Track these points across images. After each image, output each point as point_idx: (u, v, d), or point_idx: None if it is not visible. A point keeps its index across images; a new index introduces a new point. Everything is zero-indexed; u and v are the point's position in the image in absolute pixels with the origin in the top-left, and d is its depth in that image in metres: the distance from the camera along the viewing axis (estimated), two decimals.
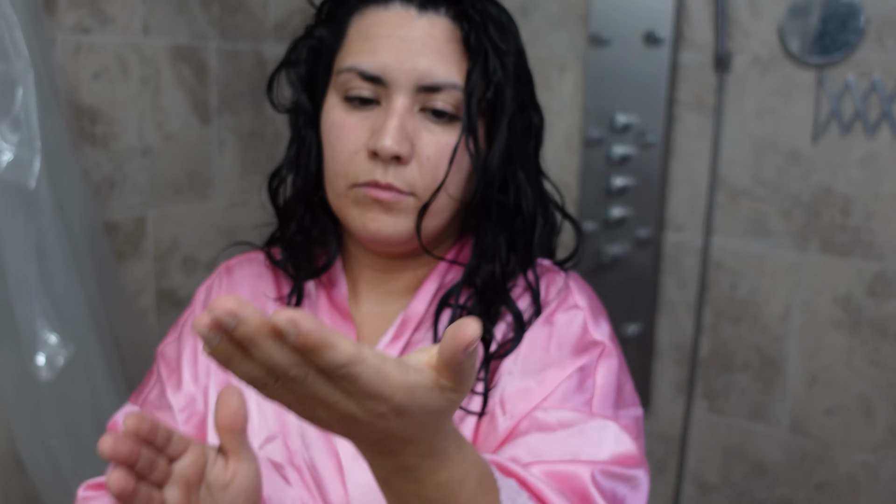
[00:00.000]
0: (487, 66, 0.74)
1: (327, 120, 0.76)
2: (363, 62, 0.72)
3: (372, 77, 0.72)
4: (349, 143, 0.73)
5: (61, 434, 1.45)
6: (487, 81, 0.75)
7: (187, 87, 1.83)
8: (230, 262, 0.87)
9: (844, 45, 1.55)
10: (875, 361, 1.63)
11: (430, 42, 0.71)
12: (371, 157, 0.73)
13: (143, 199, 1.77)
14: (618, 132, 1.75)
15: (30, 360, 1.41)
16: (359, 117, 0.73)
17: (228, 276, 0.86)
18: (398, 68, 0.71)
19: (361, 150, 0.73)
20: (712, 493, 1.86)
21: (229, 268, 0.88)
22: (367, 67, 0.72)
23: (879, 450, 1.65)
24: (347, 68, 0.73)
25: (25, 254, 1.39)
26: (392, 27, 0.71)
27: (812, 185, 1.64)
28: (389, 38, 0.71)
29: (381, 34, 0.71)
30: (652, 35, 1.68)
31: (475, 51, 0.73)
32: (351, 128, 0.73)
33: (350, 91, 0.73)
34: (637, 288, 1.80)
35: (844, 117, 1.59)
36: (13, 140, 1.38)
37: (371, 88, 0.72)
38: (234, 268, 0.88)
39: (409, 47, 0.71)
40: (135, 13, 1.69)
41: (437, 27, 0.72)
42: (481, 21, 0.73)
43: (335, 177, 0.75)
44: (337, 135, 0.74)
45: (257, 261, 0.87)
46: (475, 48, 0.73)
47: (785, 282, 1.70)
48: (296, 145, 0.80)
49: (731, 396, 1.80)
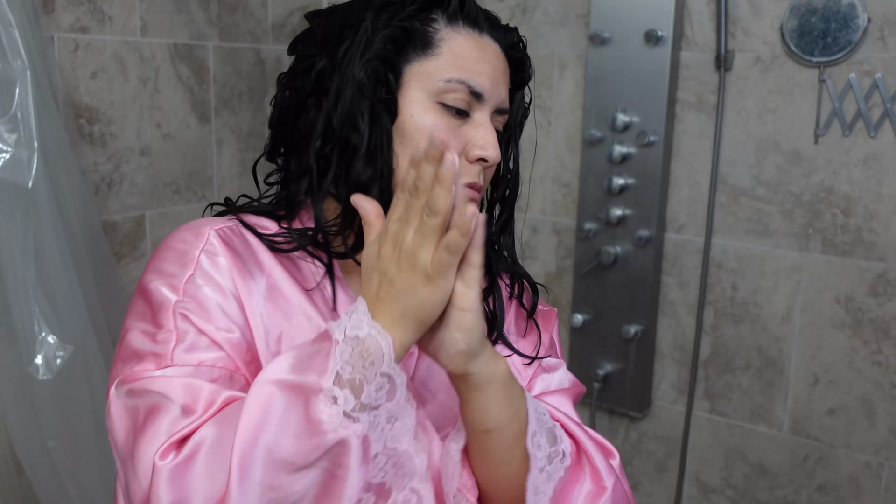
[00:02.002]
0: (523, 97, 0.95)
1: (424, 118, 0.82)
2: (472, 79, 0.83)
3: (477, 94, 0.83)
4: (451, 146, 0.82)
5: (59, 435, 1.45)
6: (524, 111, 0.96)
7: (186, 87, 1.83)
8: (216, 228, 0.83)
9: (846, 44, 1.54)
10: (877, 362, 1.63)
11: (505, 76, 0.87)
12: (472, 162, 0.83)
13: (142, 198, 1.77)
14: (618, 132, 1.75)
15: (28, 360, 1.41)
16: (455, 124, 0.83)
17: (225, 243, 0.83)
18: (492, 91, 0.84)
19: (461, 154, 0.83)
20: (713, 494, 1.86)
21: (221, 234, 0.84)
22: (475, 85, 0.83)
23: (881, 451, 1.64)
24: (458, 80, 0.82)
25: (23, 254, 1.39)
26: (490, 56, 0.85)
27: (813, 185, 1.64)
28: (489, 65, 0.84)
29: (482, 59, 0.84)
30: (653, 34, 1.67)
31: (520, 86, 0.93)
32: (452, 132, 0.83)
33: (450, 100, 0.82)
34: (638, 288, 1.80)
35: (846, 117, 1.58)
36: (11, 139, 1.38)
37: (468, 102, 0.83)
38: (228, 234, 0.84)
39: (498, 76, 0.86)
40: (133, 12, 1.69)
41: (506, 65, 0.88)
42: (528, 65, 0.93)
43: None
44: (441, 137, 0.82)
45: (238, 230, 0.86)
46: (522, 84, 0.93)
47: (786, 282, 1.69)
48: (374, 140, 0.82)
49: (732, 397, 1.80)
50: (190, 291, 0.77)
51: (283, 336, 0.80)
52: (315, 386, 0.66)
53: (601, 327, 1.85)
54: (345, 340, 0.67)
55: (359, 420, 0.66)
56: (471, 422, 0.77)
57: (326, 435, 0.65)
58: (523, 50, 0.91)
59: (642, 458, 1.94)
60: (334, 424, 0.65)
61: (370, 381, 0.66)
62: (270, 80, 2.02)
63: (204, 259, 0.79)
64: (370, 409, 0.67)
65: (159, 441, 0.68)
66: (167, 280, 0.78)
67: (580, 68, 1.84)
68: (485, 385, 0.74)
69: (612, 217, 1.77)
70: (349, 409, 0.65)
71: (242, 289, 0.80)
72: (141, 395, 0.72)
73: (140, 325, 0.77)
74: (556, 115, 1.89)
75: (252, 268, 0.82)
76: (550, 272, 1.97)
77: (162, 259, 0.81)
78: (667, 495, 1.92)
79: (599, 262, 1.81)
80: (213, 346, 0.75)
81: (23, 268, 1.39)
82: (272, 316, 0.80)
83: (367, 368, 0.66)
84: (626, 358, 1.83)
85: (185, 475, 0.66)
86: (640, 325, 1.80)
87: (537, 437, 0.77)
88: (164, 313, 0.76)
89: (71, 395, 1.45)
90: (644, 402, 1.86)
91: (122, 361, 0.77)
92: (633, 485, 1.96)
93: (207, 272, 0.79)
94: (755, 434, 1.78)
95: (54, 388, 1.42)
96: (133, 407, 0.72)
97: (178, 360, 0.74)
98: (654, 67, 1.70)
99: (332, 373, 0.66)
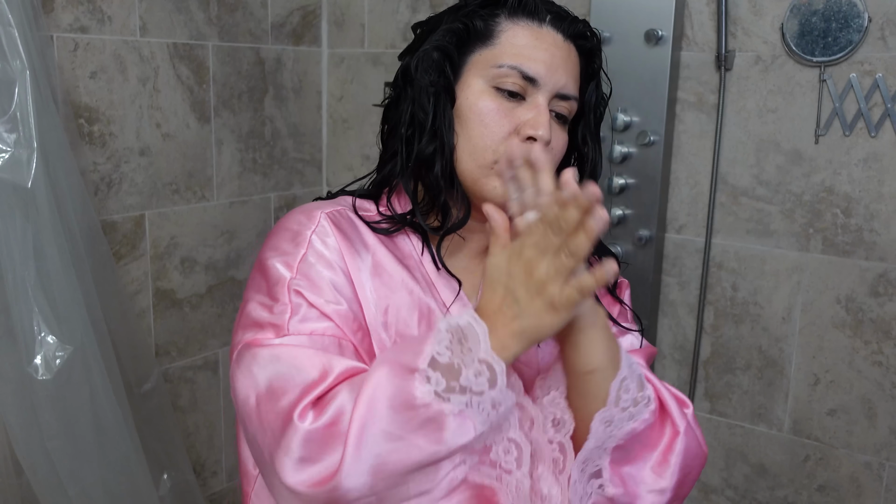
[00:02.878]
0: (599, 88, 0.98)
1: (479, 102, 0.90)
2: (524, 64, 0.89)
3: (529, 78, 0.89)
4: (503, 125, 0.89)
5: (59, 436, 1.44)
6: (596, 100, 0.98)
7: (185, 87, 1.82)
8: (326, 212, 0.93)
9: (847, 43, 1.54)
10: (877, 362, 1.62)
11: (568, 63, 0.92)
12: (523, 140, 0.88)
13: (141, 198, 1.76)
14: (619, 131, 1.74)
15: (27, 360, 1.41)
16: (508, 106, 0.90)
17: (334, 225, 0.92)
18: (549, 76, 0.90)
19: (513, 133, 0.89)
20: (714, 495, 1.86)
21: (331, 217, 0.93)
22: (528, 70, 0.89)
23: (882, 451, 1.64)
24: (510, 66, 0.89)
25: (23, 254, 1.39)
26: (547, 44, 0.91)
27: (814, 185, 1.63)
28: (546, 52, 0.90)
29: (539, 46, 0.90)
30: (653, 34, 1.67)
31: (593, 76, 0.97)
32: (504, 113, 0.89)
33: (503, 84, 0.90)
34: (638, 288, 1.80)
35: (847, 116, 1.58)
36: (10, 139, 1.37)
37: (521, 86, 0.89)
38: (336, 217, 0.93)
39: (556, 63, 0.90)
40: (132, 12, 1.69)
41: (572, 54, 0.93)
42: (599, 55, 0.98)
43: (483, 150, 0.90)
44: (491, 116, 0.89)
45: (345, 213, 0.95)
46: (594, 74, 0.97)
47: (787, 282, 1.69)
48: (437, 120, 0.92)
49: (732, 397, 1.80)
50: (303, 269, 0.86)
51: (389, 308, 0.89)
52: (413, 366, 0.75)
53: None
54: (447, 329, 0.76)
55: (449, 400, 0.74)
56: (575, 364, 0.84)
57: (418, 410, 0.74)
58: (593, 40, 0.96)
59: None
60: (426, 401, 0.74)
61: (468, 366, 0.75)
62: (270, 79, 2.02)
63: (315, 239, 0.89)
64: (471, 392, 0.75)
65: (291, 400, 0.77)
66: (283, 258, 0.88)
67: None
68: (589, 327, 0.82)
69: (613, 217, 1.77)
70: (440, 389, 0.74)
71: (351, 265, 0.89)
72: (266, 359, 0.81)
73: (258, 298, 0.87)
74: None
75: (359, 247, 0.91)
76: None
77: (279, 238, 0.91)
78: None
79: None
80: (322, 317, 0.84)
81: (22, 268, 1.39)
82: (378, 290, 0.89)
83: (466, 354, 0.75)
84: None
85: (322, 440, 0.74)
86: (641, 326, 1.80)
87: (627, 381, 0.85)
88: (279, 288, 0.85)
89: (71, 396, 1.45)
90: None
91: (242, 329, 0.86)
92: None
93: (319, 251, 0.88)
94: (755, 434, 1.78)
95: (54, 388, 1.42)
96: (259, 369, 0.81)
97: (294, 329, 0.83)
98: (654, 67, 1.69)
99: (427, 356, 0.75)
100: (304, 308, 0.84)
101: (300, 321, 0.83)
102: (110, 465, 1.53)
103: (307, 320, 0.83)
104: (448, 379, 0.74)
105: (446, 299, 0.92)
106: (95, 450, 1.50)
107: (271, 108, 2.04)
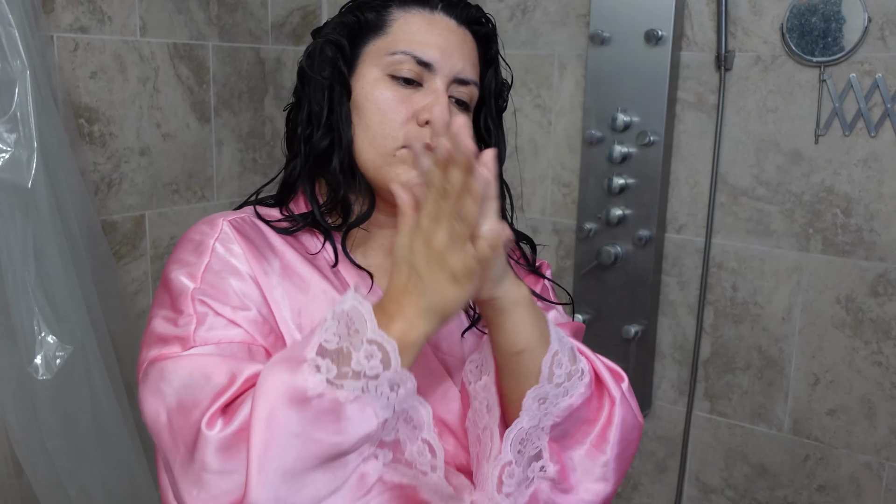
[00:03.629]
0: (498, 74, 0.97)
1: (374, 91, 0.90)
2: (418, 50, 0.89)
3: (424, 63, 0.89)
4: (401, 112, 0.89)
5: (59, 435, 1.44)
6: (496, 85, 0.98)
7: (185, 87, 1.82)
8: (229, 219, 0.91)
9: (847, 43, 1.54)
10: (877, 362, 1.62)
11: (464, 48, 0.92)
12: (422, 125, 0.88)
13: (141, 198, 1.76)
14: (618, 131, 1.74)
15: (27, 360, 1.41)
16: (404, 93, 0.89)
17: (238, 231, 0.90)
18: (444, 60, 0.89)
19: (411, 118, 0.89)
20: (713, 495, 1.86)
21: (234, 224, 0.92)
22: (422, 55, 0.89)
23: (882, 451, 1.64)
24: (402, 52, 0.89)
25: (23, 254, 1.39)
26: (441, 29, 0.91)
27: (814, 185, 1.63)
28: (439, 37, 0.90)
29: (432, 31, 0.90)
30: (653, 34, 1.67)
31: (491, 62, 0.96)
32: (401, 99, 0.89)
33: (399, 71, 0.89)
34: (638, 288, 1.80)
35: (847, 116, 1.58)
36: (10, 139, 1.37)
37: (417, 72, 0.89)
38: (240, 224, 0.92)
39: (451, 48, 0.90)
40: (132, 12, 1.69)
41: (468, 39, 0.93)
42: (495, 41, 0.96)
43: (383, 139, 0.89)
44: (388, 104, 0.89)
45: (250, 220, 0.93)
46: (492, 60, 0.96)
47: (786, 282, 1.69)
48: (332, 114, 0.91)
49: (732, 397, 1.80)
50: (207, 278, 0.84)
51: (302, 310, 0.87)
52: (300, 357, 0.72)
53: (601, 327, 1.85)
54: (333, 317, 0.73)
55: (342, 387, 0.71)
56: (502, 345, 0.83)
57: (312, 401, 0.70)
58: (487, 25, 0.95)
59: (642, 458, 1.94)
60: (319, 391, 0.70)
61: (357, 349, 0.71)
62: (270, 79, 2.02)
63: (219, 247, 0.86)
64: (366, 377, 0.71)
65: (201, 410, 0.73)
66: (186, 269, 0.85)
67: (580, 68, 1.83)
68: (511, 307, 0.81)
69: (613, 217, 1.77)
70: (331, 376, 0.71)
71: (258, 270, 0.86)
72: (173, 373, 0.78)
73: (162, 313, 0.84)
74: (556, 115, 1.89)
75: (265, 252, 0.89)
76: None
77: (182, 250, 0.88)
78: (667, 495, 1.92)
79: (599, 262, 1.81)
80: (230, 324, 0.81)
81: (22, 268, 1.39)
82: (289, 293, 0.87)
83: (353, 336, 0.72)
84: (627, 358, 1.83)
85: (234, 446, 0.71)
86: (641, 325, 1.80)
87: (559, 356, 0.84)
88: (183, 299, 0.82)
89: (71, 396, 1.45)
90: (644, 402, 1.86)
91: (147, 347, 0.83)
92: (633, 485, 1.97)
93: (223, 258, 0.86)
94: (755, 434, 1.78)
95: (54, 388, 1.42)
96: (166, 385, 0.77)
97: (200, 339, 0.79)
98: (654, 67, 1.69)
99: (314, 345, 0.72)
100: (211, 317, 0.81)
101: (207, 330, 0.80)
102: (110, 465, 1.53)
103: (214, 329, 0.80)
104: (339, 365, 0.71)
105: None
106: (95, 450, 1.50)
107: (271, 108, 2.04)
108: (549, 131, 1.91)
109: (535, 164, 1.94)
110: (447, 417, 0.89)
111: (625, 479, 1.97)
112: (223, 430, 0.71)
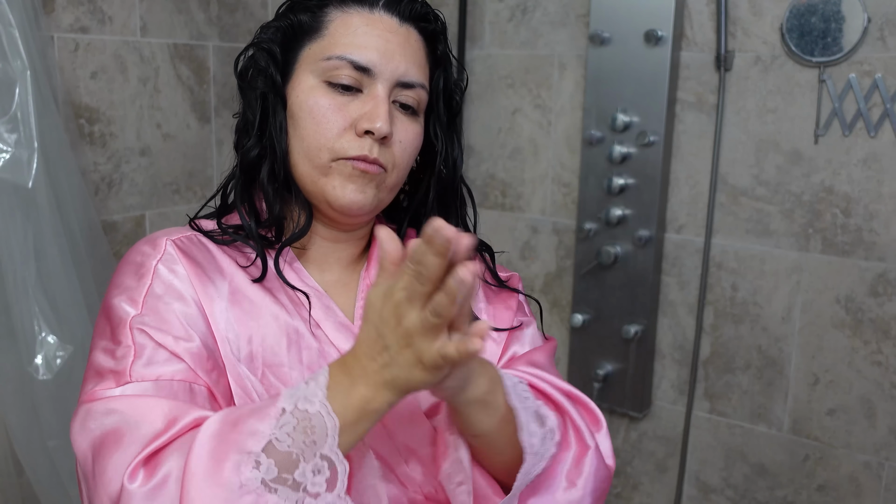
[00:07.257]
0: (448, 75, 0.90)
1: (309, 99, 0.84)
2: (354, 54, 0.82)
3: (362, 68, 0.82)
4: (338, 121, 0.83)
5: (59, 435, 1.44)
6: (446, 86, 0.91)
7: (186, 87, 1.83)
8: (173, 238, 0.85)
9: (846, 44, 1.54)
10: (877, 362, 1.63)
11: (407, 49, 0.85)
12: (360, 136, 0.82)
13: (142, 198, 1.77)
14: (618, 132, 1.75)
15: (28, 360, 1.41)
16: (342, 101, 0.83)
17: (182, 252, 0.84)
18: (384, 64, 0.83)
19: (349, 128, 0.83)
20: (713, 495, 1.86)
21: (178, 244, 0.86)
22: (359, 59, 0.82)
23: (881, 451, 1.64)
24: (338, 56, 0.83)
25: (23, 254, 1.39)
26: (380, 29, 0.84)
27: (814, 185, 1.64)
28: (379, 38, 0.83)
29: (371, 33, 0.83)
30: (653, 34, 1.67)
31: (441, 61, 0.89)
32: (337, 108, 0.83)
33: (335, 77, 0.83)
34: (638, 288, 1.80)
35: (846, 116, 1.58)
36: (11, 139, 1.38)
37: (356, 78, 0.83)
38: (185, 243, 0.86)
39: (392, 49, 0.84)
40: (133, 12, 1.69)
41: (412, 38, 0.86)
42: (444, 39, 0.90)
43: (318, 150, 0.83)
44: (323, 113, 0.83)
45: (196, 238, 0.87)
46: (441, 59, 0.89)
47: (786, 282, 1.69)
48: (266, 124, 0.86)
49: (732, 397, 1.80)
50: (149, 303, 0.77)
51: (252, 337, 0.81)
52: (245, 448, 0.66)
53: (601, 327, 1.85)
54: (292, 412, 0.66)
55: (276, 492, 0.65)
56: (462, 430, 0.80)
57: (241, 498, 0.64)
58: (435, 23, 0.89)
59: (642, 458, 1.94)
60: (250, 487, 0.65)
61: (307, 460, 0.66)
62: None
63: (161, 269, 0.80)
64: (305, 491, 0.65)
65: (125, 462, 0.68)
66: (126, 294, 0.78)
67: (580, 68, 1.84)
68: (470, 404, 0.76)
69: (612, 217, 1.77)
70: (269, 478, 0.65)
71: (203, 295, 0.80)
72: (104, 415, 0.72)
73: (101, 343, 0.78)
74: (556, 115, 1.89)
75: (212, 274, 0.82)
76: (550, 272, 1.97)
77: (122, 274, 0.81)
78: (667, 495, 1.92)
79: (599, 262, 1.81)
80: (171, 358, 0.75)
81: (23, 268, 1.39)
82: (239, 319, 0.81)
83: (307, 447, 0.66)
84: (626, 358, 1.83)
85: (157, 499, 0.66)
86: (640, 325, 1.80)
87: (530, 426, 0.79)
88: (122, 329, 0.76)
89: (71, 395, 1.45)
90: (644, 402, 1.86)
91: (84, 381, 0.77)
92: (634, 485, 1.97)
93: (167, 281, 0.79)
94: (755, 434, 1.78)
95: (54, 388, 1.42)
96: (96, 428, 0.72)
97: (136, 375, 0.73)
98: (654, 67, 1.70)
99: (264, 438, 0.66)
100: (150, 349, 0.75)
101: (145, 365, 0.74)
102: None
103: (153, 363, 0.74)
104: (281, 469, 0.65)
105: (317, 316, 0.84)
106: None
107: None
108: (548, 131, 1.91)
109: (535, 164, 1.94)
110: (412, 444, 0.84)
111: (625, 479, 1.97)
112: (143, 486, 0.66)
